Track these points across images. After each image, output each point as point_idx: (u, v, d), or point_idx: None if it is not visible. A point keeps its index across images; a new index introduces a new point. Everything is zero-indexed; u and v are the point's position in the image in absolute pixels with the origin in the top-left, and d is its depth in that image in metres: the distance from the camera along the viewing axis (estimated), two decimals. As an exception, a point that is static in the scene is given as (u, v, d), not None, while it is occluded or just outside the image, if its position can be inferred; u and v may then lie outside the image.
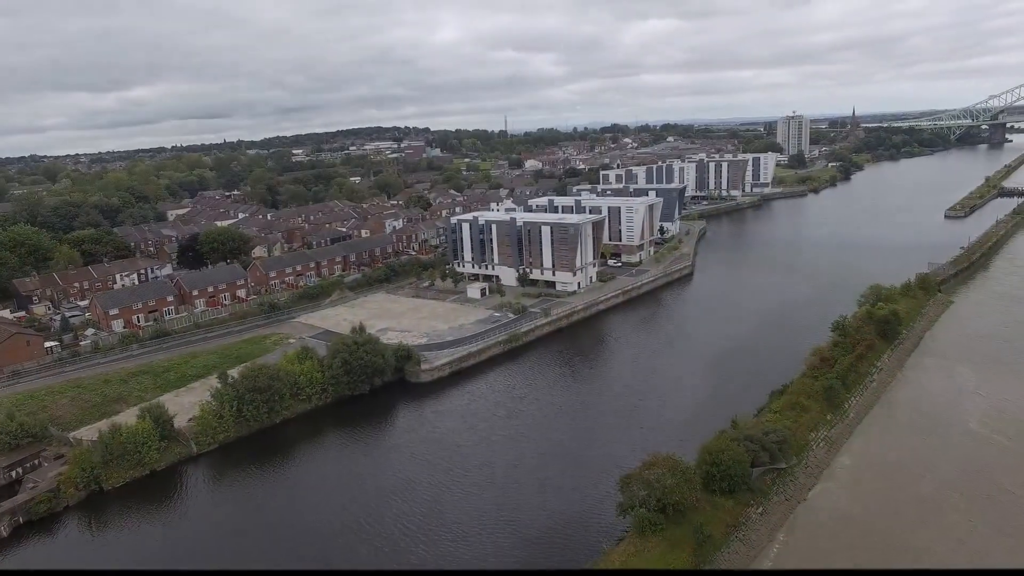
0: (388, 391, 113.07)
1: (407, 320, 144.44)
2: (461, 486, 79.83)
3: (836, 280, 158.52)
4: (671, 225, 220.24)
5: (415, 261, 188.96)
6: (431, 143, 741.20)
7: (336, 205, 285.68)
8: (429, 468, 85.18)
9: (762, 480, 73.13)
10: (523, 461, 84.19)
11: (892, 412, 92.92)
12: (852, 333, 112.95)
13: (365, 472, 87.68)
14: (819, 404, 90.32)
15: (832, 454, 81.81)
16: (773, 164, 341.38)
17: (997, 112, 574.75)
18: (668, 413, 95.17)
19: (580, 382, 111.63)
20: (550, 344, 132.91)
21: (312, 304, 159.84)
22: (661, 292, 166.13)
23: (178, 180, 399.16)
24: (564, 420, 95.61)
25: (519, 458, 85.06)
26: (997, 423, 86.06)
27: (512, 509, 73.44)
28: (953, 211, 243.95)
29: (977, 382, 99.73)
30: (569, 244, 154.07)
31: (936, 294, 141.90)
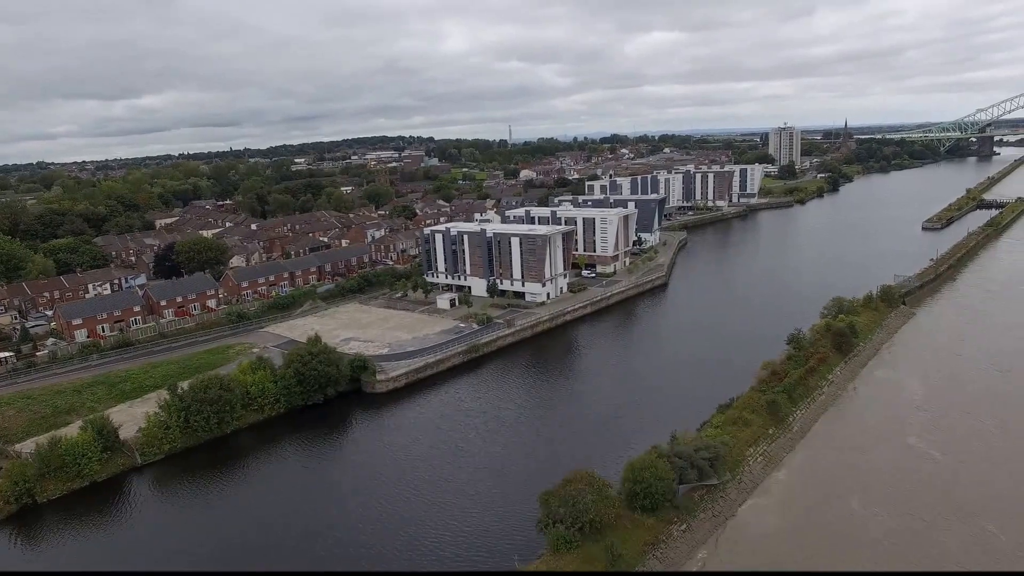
0: (343, 401, 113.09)
1: (373, 330, 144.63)
2: (385, 501, 79.64)
3: (806, 291, 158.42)
4: (650, 236, 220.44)
5: (390, 271, 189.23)
6: (431, 153, 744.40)
7: (322, 215, 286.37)
8: (365, 481, 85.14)
9: (690, 497, 72.74)
10: (457, 475, 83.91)
11: (836, 426, 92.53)
12: (806, 346, 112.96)
13: (307, 482, 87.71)
14: (762, 418, 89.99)
15: (769, 469, 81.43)
16: (760, 175, 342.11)
17: (985, 125, 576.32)
18: (615, 427, 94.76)
19: (531, 394, 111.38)
20: (512, 355, 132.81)
21: (282, 314, 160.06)
22: (632, 303, 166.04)
23: (172, 189, 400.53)
24: (507, 433, 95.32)
25: (453, 472, 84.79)
26: (934, 438, 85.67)
27: (432, 526, 73.09)
28: (930, 223, 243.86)
29: (924, 396, 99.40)
30: (537, 255, 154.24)
31: (899, 306, 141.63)
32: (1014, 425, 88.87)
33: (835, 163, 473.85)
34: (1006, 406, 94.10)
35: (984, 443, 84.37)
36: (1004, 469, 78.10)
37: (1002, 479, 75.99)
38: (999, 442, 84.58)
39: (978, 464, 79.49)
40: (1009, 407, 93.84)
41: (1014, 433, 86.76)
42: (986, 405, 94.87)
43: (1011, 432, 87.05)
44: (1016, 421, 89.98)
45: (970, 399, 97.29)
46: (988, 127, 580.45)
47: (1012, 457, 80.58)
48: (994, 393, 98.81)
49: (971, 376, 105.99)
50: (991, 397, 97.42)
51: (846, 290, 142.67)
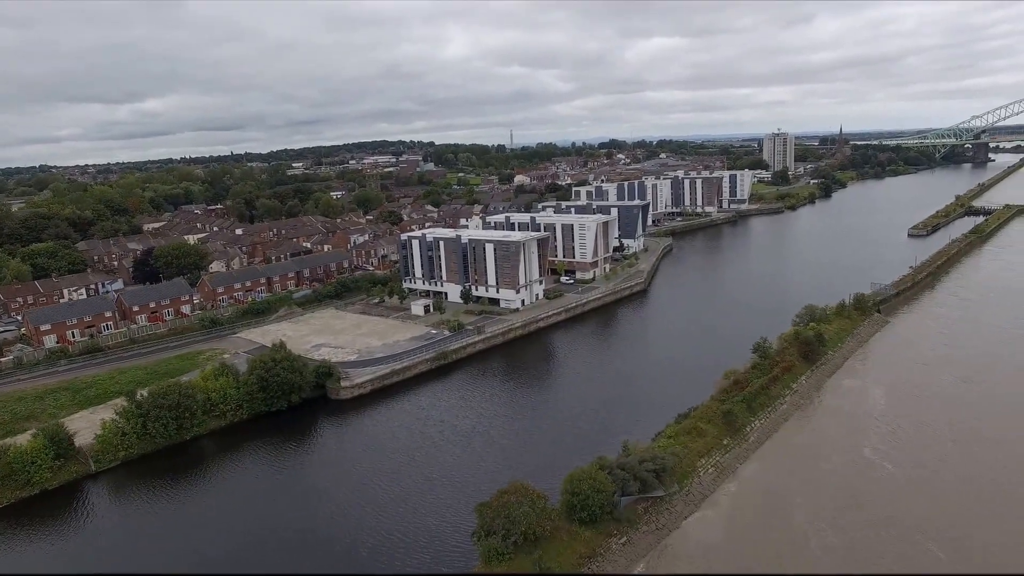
0: (308, 408, 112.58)
1: (345, 336, 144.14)
2: (329, 509, 79.05)
3: (785, 298, 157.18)
4: (633, 242, 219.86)
5: (369, 277, 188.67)
6: (427, 157, 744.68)
7: (309, 220, 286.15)
8: (314, 489, 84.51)
9: (633, 509, 71.89)
10: (405, 485, 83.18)
11: (794, 436, 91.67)
12: (772, 355, 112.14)
13: (263, 488, 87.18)
14: (717, 428, 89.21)
15: (720, 481, 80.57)
16: (750, 181, 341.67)
17: (980, 132, 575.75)
18: (571, 436, 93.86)
19: (492, 403, 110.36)
20: (482, 362, 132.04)
21: (257, 320, 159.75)
22: (609, 309, 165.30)
23: (164, 193, 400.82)
24: (462, 443, 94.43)
25: (402, 482, 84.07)
26: (889, 450, 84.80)
27: (372, 536, 72.38)
28: (916, 230, 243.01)
29: (886, 406, 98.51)
30: (511, 261, 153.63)
31: (873, 315, 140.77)
32: (966, 437, 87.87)
33: (828, 169, 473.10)
34: (962, 418, 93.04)
35: (936, 456, 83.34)
36: (951, 484, 76.91)
37: (948, 495, 74.80)
38: (950, 455, 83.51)
39: (928, 478, 78.51)
40: (964, 419, 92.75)
41: (965, 446, 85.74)
42: (944, 417, 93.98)
43: (962, 444, 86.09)
44: (969, 433, 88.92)
45: (930, 410, 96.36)
46: (983, 134, 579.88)
47: (960, 472, 79.34)
48: (953, 404, 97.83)
49: (934, 386, 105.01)
50: (950, 409, 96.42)
51: (824, 297, 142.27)
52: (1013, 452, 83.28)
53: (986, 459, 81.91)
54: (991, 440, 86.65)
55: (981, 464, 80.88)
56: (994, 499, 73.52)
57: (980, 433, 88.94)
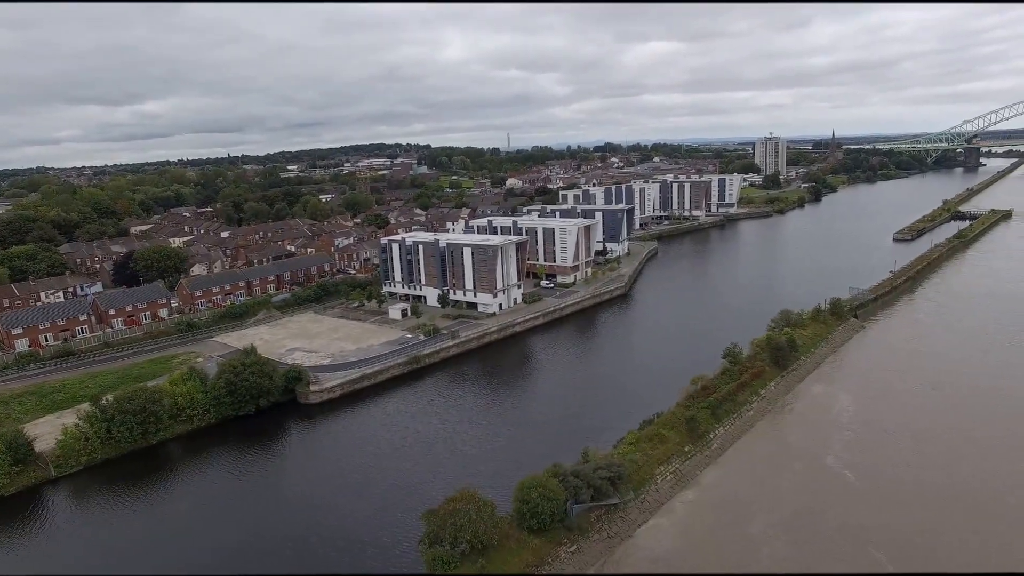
0: (277, 412, 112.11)
1: (320, 340, 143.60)
2: (282, 515, 78.62)
3: (764, 302, 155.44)
4: (617, 246, 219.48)
5: (350, 281, 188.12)
6: (422, 160, 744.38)
7: (296, 223, 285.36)
8: (271, 495, 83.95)
9: (586, 517, 71.41)
10: (362, 491, 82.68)
11: (758, 443, 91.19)
12: (743, 361, 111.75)
13: (225, 492, 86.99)
14: (680, 435, 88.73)
15: (678, 488, 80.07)
16: (738, 185, 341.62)
17: (971, 136, 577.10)
18: (533, 443, 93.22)
19: (459, 408, 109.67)
20: (456, 367, 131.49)
21: (234, 324, 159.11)
22: (588, 313, 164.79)
23: (154, 196, 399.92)
24: (421, 448, 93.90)
25: (357, 488, 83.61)
26: (851, 458, 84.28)
27: (323, 543, 71.84)
28: (901, 234, 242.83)
29: (853, 413, 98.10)
30: (488, 266, 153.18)
31: (849, 320, 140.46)
32: (929, 447, 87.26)
33: (819, 173, 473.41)
34: (926, 427, 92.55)
35: (896, 465, 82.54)
36: (908, 494, 76.18)
37: (903, 504, 74.03)
38: (911, 464, 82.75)
39: (885, 487, 77.65)
40: (929, 428, 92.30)
41: (927, 455, 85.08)
42: (909, 425, 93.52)
43: (924, 454, 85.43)
44: (932, 443, 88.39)
45: (896, 418, 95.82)
46: (974, 138, 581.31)
47: (918, 482, 78.61)
48: (920, 412, 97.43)
49: (902, 393, 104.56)
50: (916, 417, 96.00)
51: (805, 302, 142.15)
52: (974, 462, 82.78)
53: (946, 469, 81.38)
54: (953, 449, 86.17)
55: (940, 473, 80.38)
56: (948, 509, 73.03)
57: (943, 442, 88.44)
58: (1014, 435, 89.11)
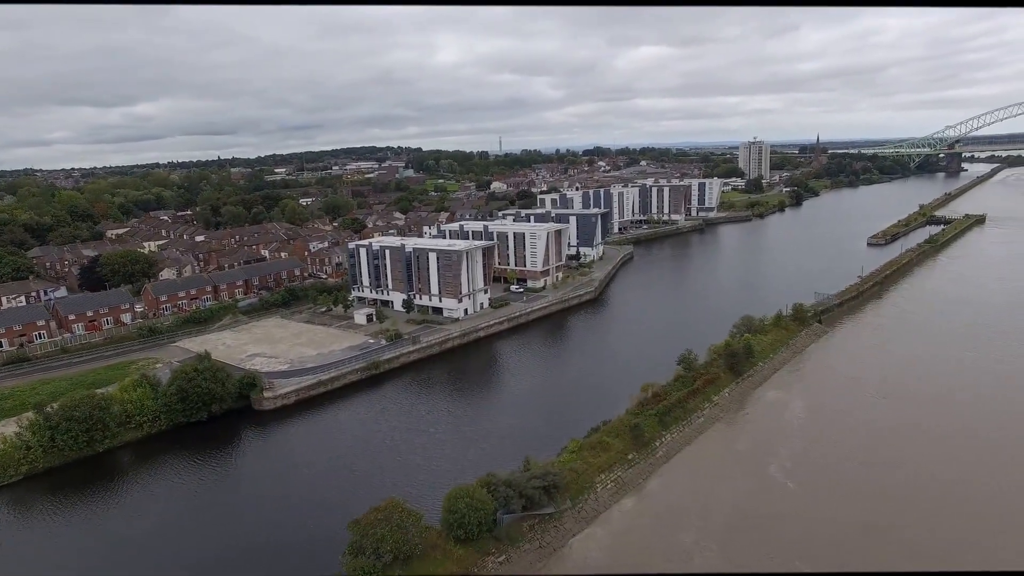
0: (230, 419, 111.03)
1: (282, 346, 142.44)
2: (210, 525, 77.68)
3: (732, 307, 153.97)
4: (591, 250, 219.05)
5: (319, 285, 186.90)
6: (409, 164, 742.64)
7: (273, 227, 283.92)
8: (208, 503, 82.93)
9: (517, 527, 70.61)
10: (296, 500, 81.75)
11: (704, 451, 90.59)
12: (697, 367, 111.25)
13: (160, 501, 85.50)
14: (624, 443, 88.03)
15: (618, 497, 79.34)
16: (718, 189, 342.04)
17: (954, 142, 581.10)
18: (475, 452, 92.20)
19: (411, 415, 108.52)
20: (416, 372, 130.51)
21: (198, 329, 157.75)
22: (555, 318, 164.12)
23: (134, 199, 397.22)
24: (367, 457, 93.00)
25: (293, 497, 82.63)
26: (795, 467, 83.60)
27: (252, 554, 70.84)
28: (875, 239, 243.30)
29: (804, 421, 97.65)
30: (453, 271, 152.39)
31: (812, 325, 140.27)
32: (871, 457, 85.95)
33: (802, 178, 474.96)
34: (872, 436, 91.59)
35: (838, 477, 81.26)
36: (844, 506, 74.94)
37: (837, 517, 72.77)
38: (852, 476, 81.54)
39: (824, 500, 76.62)
40: (875, 438, 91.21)
41: (870, 467, 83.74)
42: (858, 433, 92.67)
43: (868, 465, 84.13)
44: (876, 452, 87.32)
45: (845, 427, 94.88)
46: (956, 143, 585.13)
47: (857, 495, 77.14)
48: (870, 421, 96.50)
49: (855, 401, 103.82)
50: (865, 426, 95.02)
51: (772, 307, 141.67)
52: (911, 476, 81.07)
53: (885, 482, 79.93)
54: (897, 459, 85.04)
55: (878, 486, 78.85)
56: (880, 523, 72.14)
57: (888, 452, 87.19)
58: (962, 446, 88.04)
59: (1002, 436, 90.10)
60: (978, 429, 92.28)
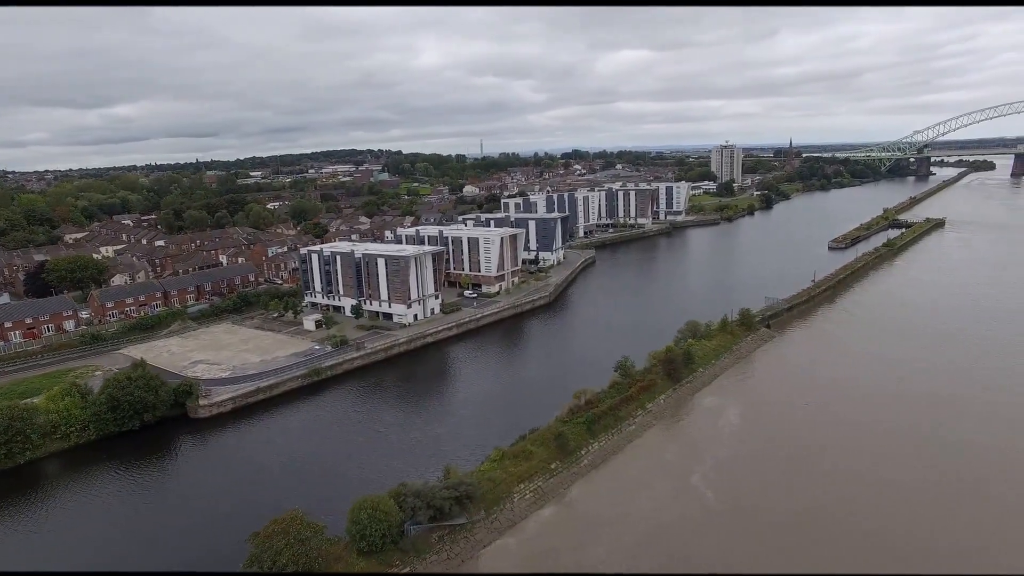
0: (165, 427, 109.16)
1: (227, 352, 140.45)
2: (121, 541, 75.96)
3: (686, 312, 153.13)
4: (550, 254, 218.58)
5: (273, 291, 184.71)
6: (385, 167, 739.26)
7: (236, 231, 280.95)
8: (125, 514, 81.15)
9: (426, 538, 69.56)
10: (209, 513, 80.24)
11: (631, 459, 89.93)
12: (635, 374, 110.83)
13: (77, 511, 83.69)
14: (548, 451, 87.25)
15: (536, 507, 78.45)
16: (686, 193, 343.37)
17: (922, 146, 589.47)
18: (399, 462, 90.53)
19: (343, 424, 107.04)
20: (359, 379, 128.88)
21: (145, 335, 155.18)
22: (506, 324, 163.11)
23: (99, 202, 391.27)
24: (291, 466, 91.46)
25: (208, 509, 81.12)
26: (718, 477, 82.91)
27: (153, 562, 69.29)
28: (836, 243, 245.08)
29: (735, 429, 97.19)
30: (401, 276, 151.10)
31: (760, 330, 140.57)
32: (796, 467, 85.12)
33: (773, 181, 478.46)
34: (799, 447, 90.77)
35: (757, 488, 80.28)
36: (763, 518, 74.18)
37: (753, 530, 72.07)
38: (774, 487, 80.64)
39: (742, 511, 75.65)
40: (801, 448, 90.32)
41: (792, 475, 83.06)
42: (787, 442, 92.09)
43: (790, 474, 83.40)
44: (799, 463, 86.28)
45: (775, 435, 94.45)
46: (926, 148, 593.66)
47: (776, 506, 76.41)
48: (799, 429, 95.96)
49: (789, 409, 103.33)
50: (790, 436, 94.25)
51: (727, 310, 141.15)
52: (834, 488, 79.88)
53: (808, 493, 79.04)
54: (818, 472, 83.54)
55: (800, 498, 77.91)
56: (801, 533, 71.76)
57: (809, 464, 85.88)
58: (887, 461, 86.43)
59: (927, 452, 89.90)
60: (905, 443, 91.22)
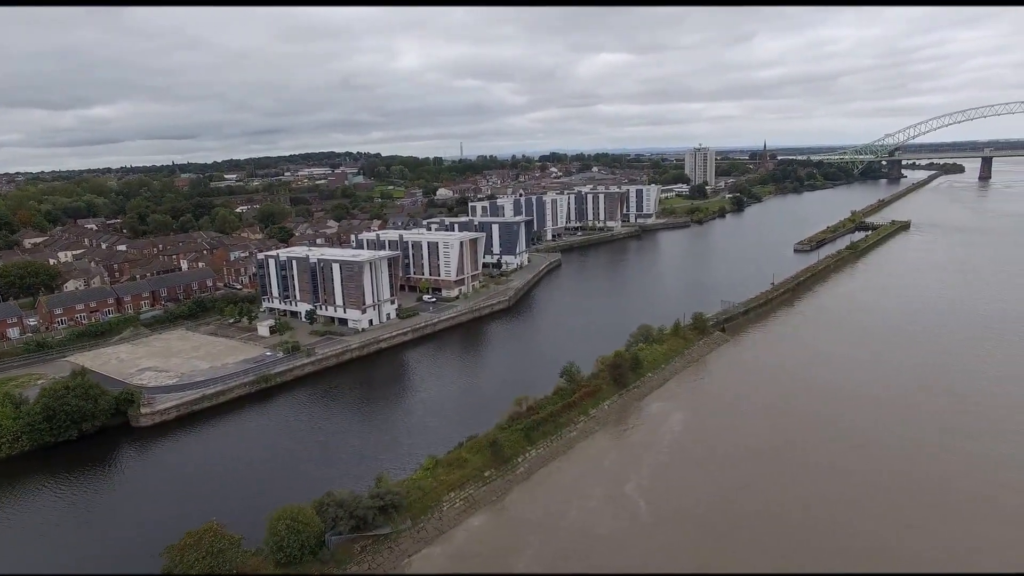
0: (104, 436, 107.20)
1: (177, 359, 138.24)
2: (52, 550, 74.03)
3: (643, 316, 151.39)
4: (514, 258, 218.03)
5: (230, 296, 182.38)
6: (361, 170, 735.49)
7: (200, 236, 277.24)
8: (52, 525, 79.19)
9: (348, 548, 68.49)
10: (128, 524, 78.70)
11: (569, 466, 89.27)
12: (580, 379, 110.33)
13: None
14: (483, 459, 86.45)
15: (466, 515, 77.55)
16: (656, 196, 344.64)
17: (893, 149, 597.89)
18: (334, 471, 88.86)
19: (285, 430, 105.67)
20: (310, 385, 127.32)
21: (94, 343, 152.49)
22: (463, 329, 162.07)
23: (63, 206, 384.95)
24: (223, 479, 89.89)
25: (126, 522, 79.56)
26: (652, 485, 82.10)
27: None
28: (802, 245, 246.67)
29: (676, 436, 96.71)
30: (355, 281, 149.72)
31: (714, 334, 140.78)
32: (728, 478, 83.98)
33: (745, 184, 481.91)
34: (735, 453, 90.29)
35: (690, 498, 79.39)
36: (691, 529, 73.51)
37: (681, 542, 71.35)
38: (707, 496, 79.64)
39: (670, 522, 74.81)
40: (737, 456, 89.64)
41: (728, 486, 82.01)
42: (720, 451, 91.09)
43: (725, 484, 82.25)
44: (732, 473, 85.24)
45: (712, 442, 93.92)
46: (896, 151, 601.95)
47: (705, 517, 75.50)
48: (735, 437, 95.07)
49: (734, 415, 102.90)
50: (730, 441, 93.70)
51: (687, 314, 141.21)
52: (766, 494, 79.39)
53: (742, 500, 78.52)
54: (743, 484, 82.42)
55: (732, 506, 77.28)
56: (730, 544, 71.33)
57: (745, 471, 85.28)
58: (835, 465, 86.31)
59: (867, 453, 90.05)
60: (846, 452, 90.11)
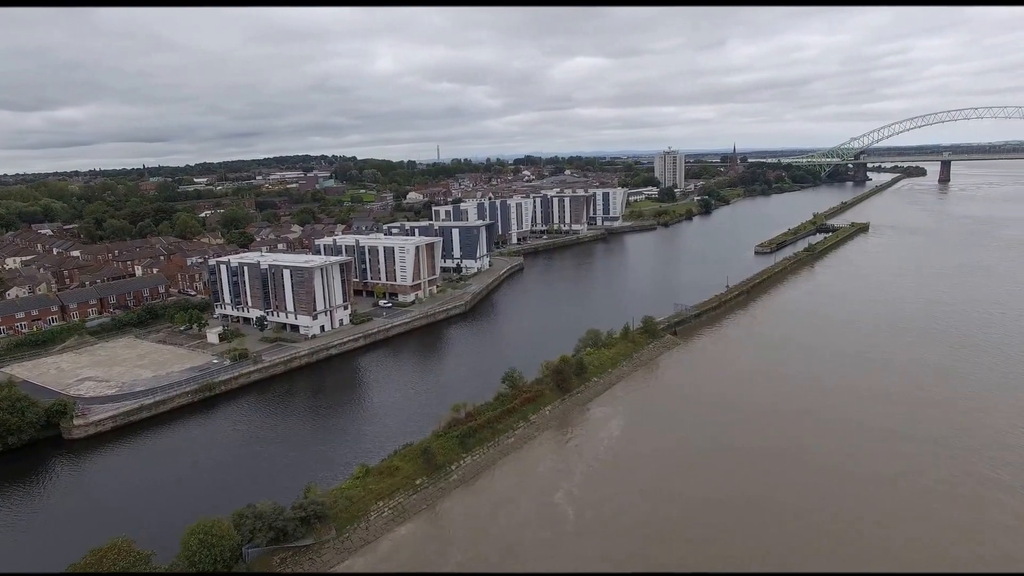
0: (34, 450, 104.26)
1: (120, 368, 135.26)
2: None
3: (599, 320, 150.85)
4: (474, 263, 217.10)
5: (181, 303, 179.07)
6: (333, 173, 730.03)
7: (158, 241, 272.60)
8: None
9: (267, 560, 66.97)
10: (46, 541, 76.33)
11: (502, 473, 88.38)
12: (522, 384, 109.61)
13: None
14: (414, 466, 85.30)
15: (394, 524, 76.35)
16: (622, 199, 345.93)
17: (859, 152, 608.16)
18: (264, 481, 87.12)
19: (226, 442, 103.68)
20: (257, 393, 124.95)
21: (34, 352, 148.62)
22: (417, 334, 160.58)
23: (17, 210, 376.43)
24: (153, 492, 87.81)
25: (43, 539, 77.12)
26: (582, 494, 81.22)
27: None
28: (762, 248, 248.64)
29: (613, 442, 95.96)
30: (306, 287, 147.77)
31: (665, 337, 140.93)
32: (657, 487, 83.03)
33: (713, 187, 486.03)
34: (670, 460, 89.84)
35: (619, 504, 78.74)
36: (623, 537, 72.80)
37: (609, 552, 70.58)
38: (635, 506, 78.70)
39: (597, 530, 74.04)
40: (671, 462, 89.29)
41: (651, 496, 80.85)
42: (654, 457, 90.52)
43: (648, 495, 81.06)
44: (662, 481, 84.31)
45: (648, 448, 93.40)
46: (862, 154, 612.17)
47: (632, 526, 74.66)
48: (672, 443, 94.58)
49: (670, 422, 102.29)
50: (666, 448, 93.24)
51: (639, 317, 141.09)
52: (690, 509, 77.99)
53: (672, 509, 78.02)
54: (689, 486, 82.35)
55: (661, 514, 76.85)
56: (655, 553, 70.96)
57: (681, 479, 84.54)
58: (757, 467, 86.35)
59: (793, 467, 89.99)
60: (783, 459, 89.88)
